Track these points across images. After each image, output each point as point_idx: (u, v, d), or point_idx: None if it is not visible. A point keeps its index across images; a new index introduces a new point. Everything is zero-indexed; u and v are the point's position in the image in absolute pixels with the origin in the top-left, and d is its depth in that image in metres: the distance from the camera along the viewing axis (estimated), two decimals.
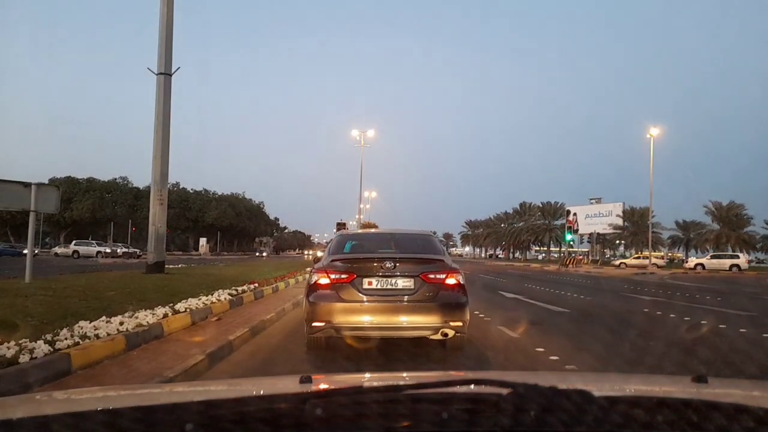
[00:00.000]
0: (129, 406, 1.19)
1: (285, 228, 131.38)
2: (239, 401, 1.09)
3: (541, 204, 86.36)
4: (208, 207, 79.53)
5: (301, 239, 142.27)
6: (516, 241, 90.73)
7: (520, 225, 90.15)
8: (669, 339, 7.75)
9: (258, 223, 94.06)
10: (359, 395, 1.10)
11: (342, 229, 29.52)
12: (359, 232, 11.57)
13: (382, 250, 6.36)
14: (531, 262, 74.74)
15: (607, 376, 3.21)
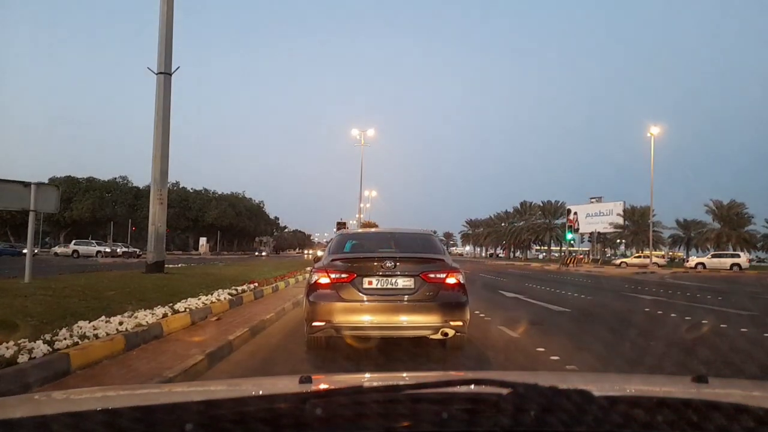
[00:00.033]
0: (128, 406, 1.19)
1: (285, 227, 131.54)
2: (239, 401, 1.09)
3: (542, 203, 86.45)
4: (208, 206, 79.56)
5: (301, 239, 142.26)
6: (516, 241, 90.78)
7: (520, 224, 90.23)
8: (669, 339, 7.75)
9: (258, 223, 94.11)
10: (359, 395, 1.10)
11: (342, 229, 29.55)
12: (359, 231, 11.56)
13: (382, 249, 6.35)
14: (531, 261, 74.71)
15: (607, 376, 3.21)
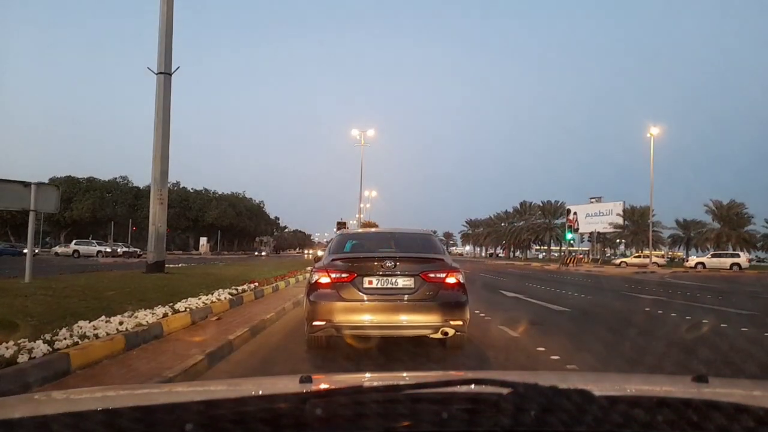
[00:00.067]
0: (128, 406, 1.19)
1: (285, 227, 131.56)
2: (239, 401, 1.08)
3: (542, 203, 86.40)
4: (208, 206, 79.57)
5: (302, 238, 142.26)
6: (516, 240, 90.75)
7: (520, 224, 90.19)
8: (669, 338, 7.75)
9: (258, 223, 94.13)
10: (359, 395, 1.10)
11: (342, 229, 29.56)
12: (359, 231, 11.56)
13: (382, 249, 6.35)
14: (531, 261, 74.72)
15: (608, 375, 3.21)
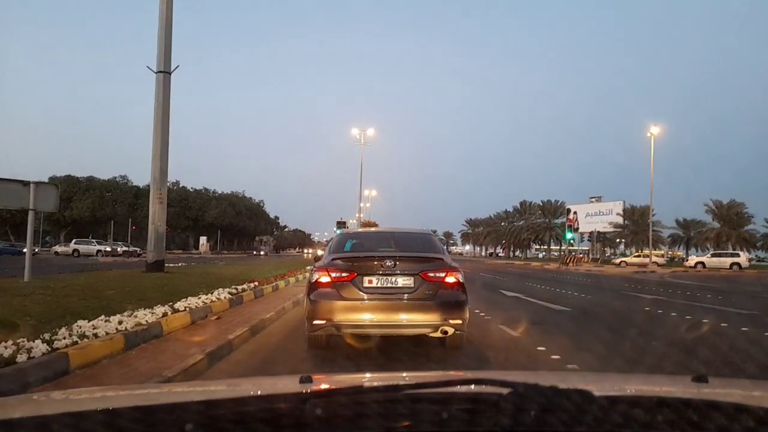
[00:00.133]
0: (128, 406, 1.18)
1: (285, 227, 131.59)
2: (239, 401, 1.08)
3: (542, 203, 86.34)
4: (208, 206, 79.60)
5: (302, 238, 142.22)
6: (516, 240, 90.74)
7: (520, 223, 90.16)
8: (669, 338, 7.75)
9: (258, 222, 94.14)
10: (359, 395, 1.10)
11: (342, 228, 29.57)
12: (359, 231, 11.55)
13: (382, 248, 6.36)
14: (531, 260, 74.71)
15: (608, 375, 3.21)
